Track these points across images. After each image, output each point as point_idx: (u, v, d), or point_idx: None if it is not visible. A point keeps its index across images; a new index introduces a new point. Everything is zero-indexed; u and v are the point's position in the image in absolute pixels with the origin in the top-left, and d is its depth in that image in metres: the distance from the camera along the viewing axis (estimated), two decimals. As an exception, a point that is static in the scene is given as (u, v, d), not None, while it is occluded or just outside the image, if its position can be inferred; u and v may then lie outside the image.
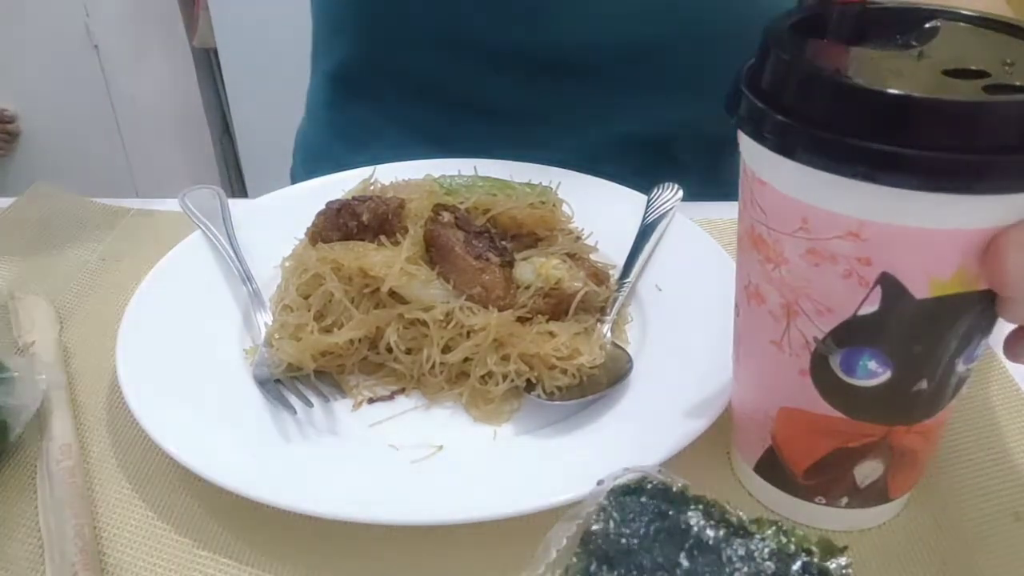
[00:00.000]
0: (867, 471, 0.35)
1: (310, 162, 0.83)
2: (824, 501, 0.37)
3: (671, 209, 0.58)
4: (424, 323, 0.46)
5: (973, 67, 0.28)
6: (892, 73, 0.29)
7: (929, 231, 0.28)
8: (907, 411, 0.33)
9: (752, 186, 0.32)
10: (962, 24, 0.33)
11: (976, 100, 0.27)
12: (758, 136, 0.30)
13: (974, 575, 0.36)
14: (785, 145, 0.29)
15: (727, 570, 0.28)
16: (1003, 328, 0.32)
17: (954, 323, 0.30)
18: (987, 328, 0.31)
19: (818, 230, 0.30)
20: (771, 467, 0.38)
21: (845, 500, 0.36)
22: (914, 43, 0.31)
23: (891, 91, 0.27)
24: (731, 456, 0.41)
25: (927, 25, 0.33)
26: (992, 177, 0.27)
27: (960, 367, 0.32)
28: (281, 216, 0.57)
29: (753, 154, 0.31)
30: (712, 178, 0.65)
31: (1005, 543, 0.38)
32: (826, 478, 0.36)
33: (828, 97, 0.28)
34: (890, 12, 0.33)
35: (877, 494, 0.37)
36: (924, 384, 0.32)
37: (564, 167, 0.62)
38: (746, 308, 0.35)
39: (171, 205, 0.63)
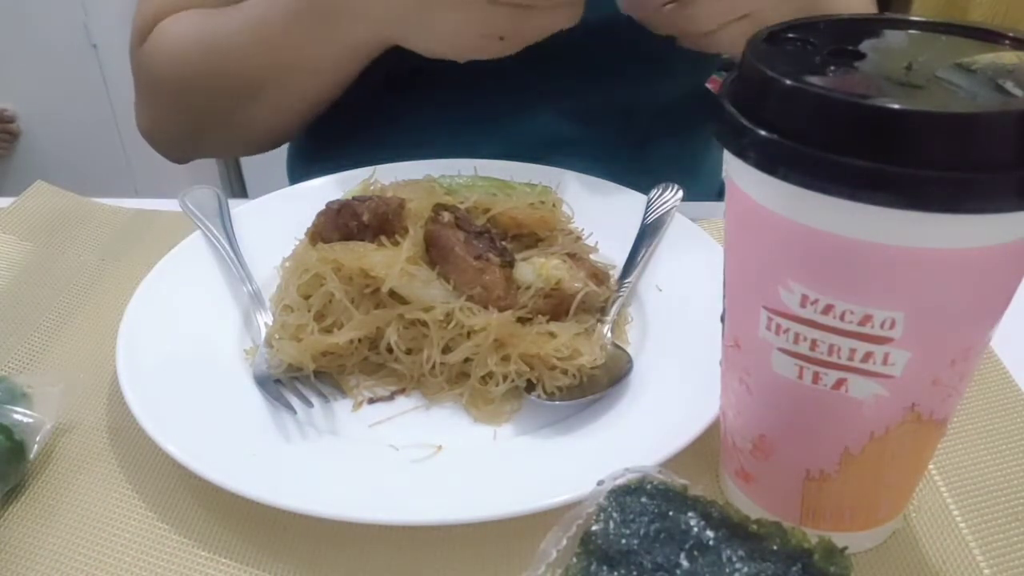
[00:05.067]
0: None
1: (302, 163, 0.84)
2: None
3: (671, 209, 0.58)
4: (424, 323, 0.46)
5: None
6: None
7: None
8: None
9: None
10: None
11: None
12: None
13: (974, 575, 0.36)
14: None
15: (727, 570, 0.28)
16: (1003, 329, 0.32)
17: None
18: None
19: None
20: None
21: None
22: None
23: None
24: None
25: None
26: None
27: None
28: (281, 216, 0.57)
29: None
30: (677, 145, 0.67)
31: (1005, 543, 0.38)
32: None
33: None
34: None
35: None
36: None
37: (533, 145, 0.64)
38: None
39: (171, 205, 0.63)
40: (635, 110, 0.75)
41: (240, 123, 0.70)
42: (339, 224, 0.50)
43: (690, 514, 0.30)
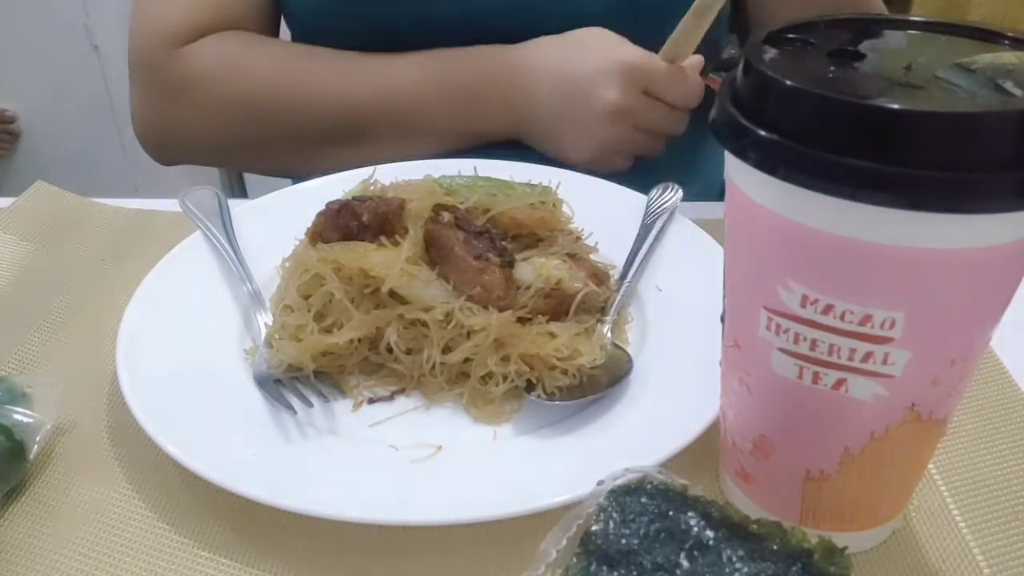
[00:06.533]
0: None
1: None
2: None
3: (671, 209, 0.58)
4: (424, 323, 0.46)
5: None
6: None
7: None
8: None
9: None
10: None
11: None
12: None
13: (974, 575, 0.36)
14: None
15: (727, 570, 0.28)
16: (1003, 329, 0.32)
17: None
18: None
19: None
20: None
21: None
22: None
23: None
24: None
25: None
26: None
27: None
28: (281, 216, 0.57)
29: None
30: (677, 143, 0.70)
31: (1005, 543, 0.38)
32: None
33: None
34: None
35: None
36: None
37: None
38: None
39: (171, 205, 0.63)
40: None
41: (307, 164, 0.71)
42: (339, 224, 0.50)
43: (690, 514, 0.30)
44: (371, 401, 0.46)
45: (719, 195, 0.83)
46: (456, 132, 0.69)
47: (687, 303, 0.50)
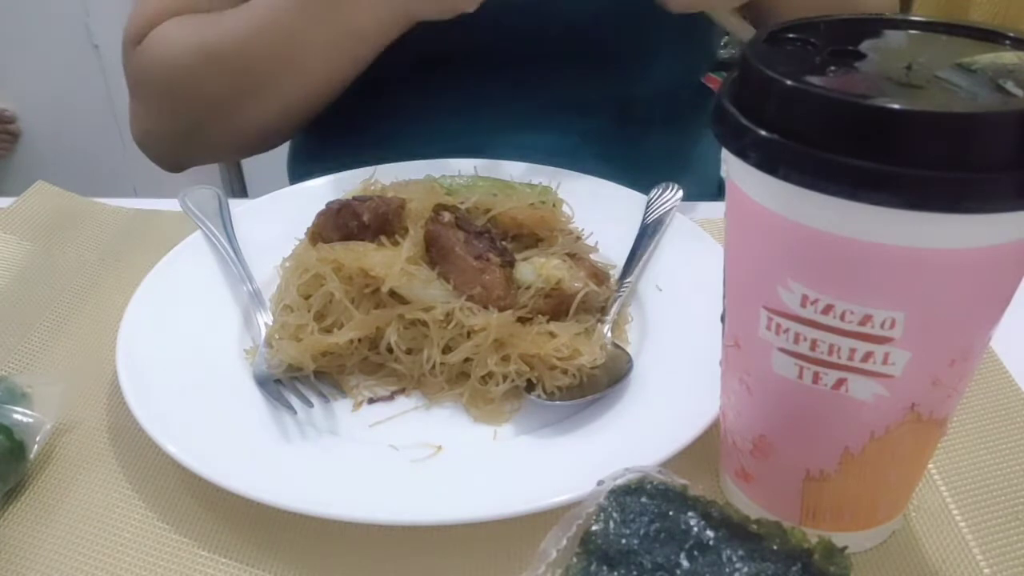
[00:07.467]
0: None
1: (303, 162, 0.84)
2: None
3: (671, 209, 0.58)
4: (424, 323, 0.46)
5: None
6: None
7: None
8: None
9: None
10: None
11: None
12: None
13: (974, 575, 0.36)
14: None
15: (727, 570, 0.28)
16: (1003, 329, 0.32)
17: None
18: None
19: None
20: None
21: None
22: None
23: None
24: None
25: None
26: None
27: None
28: (281, 216, 0.57)
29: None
30: (674, 138, 0.71)
31: (1005, 543, 0.38)
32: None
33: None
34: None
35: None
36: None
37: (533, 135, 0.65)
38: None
39: (171, 205, 0.63)
40: (631, 102, 0.75)
41: (237, 125, 0.70)
42: (339, 224, 0.50)
43: (690, 514, 0.30)
44: (371, 401, 0.46)
45: (718, 192, 0.83)
46: (335, 45, 0.64)
47: (687, 303, 0.50)
